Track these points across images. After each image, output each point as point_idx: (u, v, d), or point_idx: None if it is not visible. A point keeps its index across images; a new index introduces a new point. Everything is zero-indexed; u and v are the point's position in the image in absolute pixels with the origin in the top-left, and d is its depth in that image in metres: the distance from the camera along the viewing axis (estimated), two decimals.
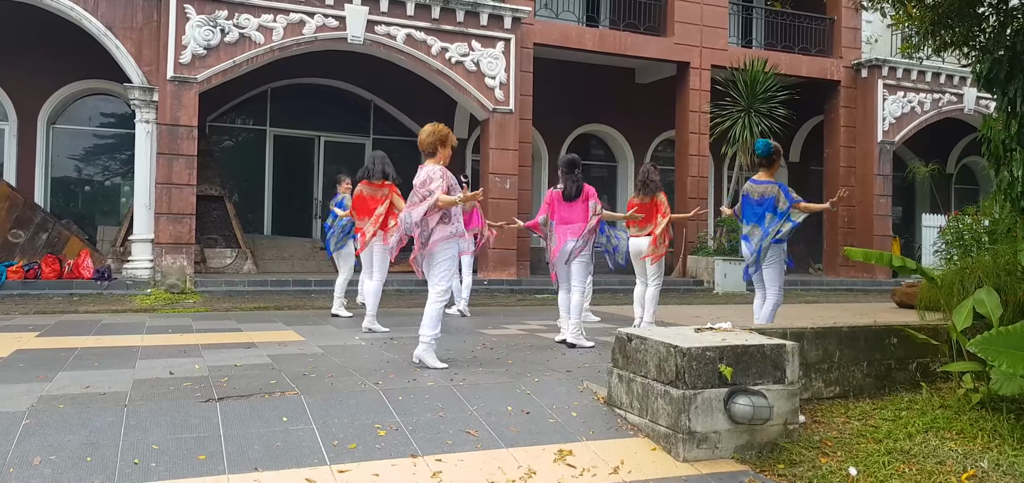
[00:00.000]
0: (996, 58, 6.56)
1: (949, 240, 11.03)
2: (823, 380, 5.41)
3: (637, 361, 4.67)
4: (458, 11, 13.74)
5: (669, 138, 18.59)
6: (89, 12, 12.17)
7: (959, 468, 4.19)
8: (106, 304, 10.65)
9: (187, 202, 12.26)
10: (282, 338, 7.39)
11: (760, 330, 5.06)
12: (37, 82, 14.04)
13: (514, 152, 14.38)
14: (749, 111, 15.07)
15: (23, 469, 3.67)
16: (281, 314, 9.75)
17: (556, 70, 16.51)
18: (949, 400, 5.28)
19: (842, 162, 17.91)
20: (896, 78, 17.78)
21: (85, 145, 14.97)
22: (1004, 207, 6.92)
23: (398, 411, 4.63)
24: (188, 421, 4.29)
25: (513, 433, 4.46)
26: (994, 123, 6.69)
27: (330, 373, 5.53)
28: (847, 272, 17.67)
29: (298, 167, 16.19)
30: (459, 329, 8.31)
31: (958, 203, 21.14)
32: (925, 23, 7.07)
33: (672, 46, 16.31)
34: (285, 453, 4.00)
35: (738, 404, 4.29)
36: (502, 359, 6.36)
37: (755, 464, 4.28)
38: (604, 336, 7.89)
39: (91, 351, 6.42)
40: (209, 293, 11.85)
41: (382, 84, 15.99)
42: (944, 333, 5.73)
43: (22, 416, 4.21)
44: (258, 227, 15.76)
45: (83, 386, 4.96)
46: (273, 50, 12.70)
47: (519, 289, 13.62)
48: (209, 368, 5.64)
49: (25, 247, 12.87)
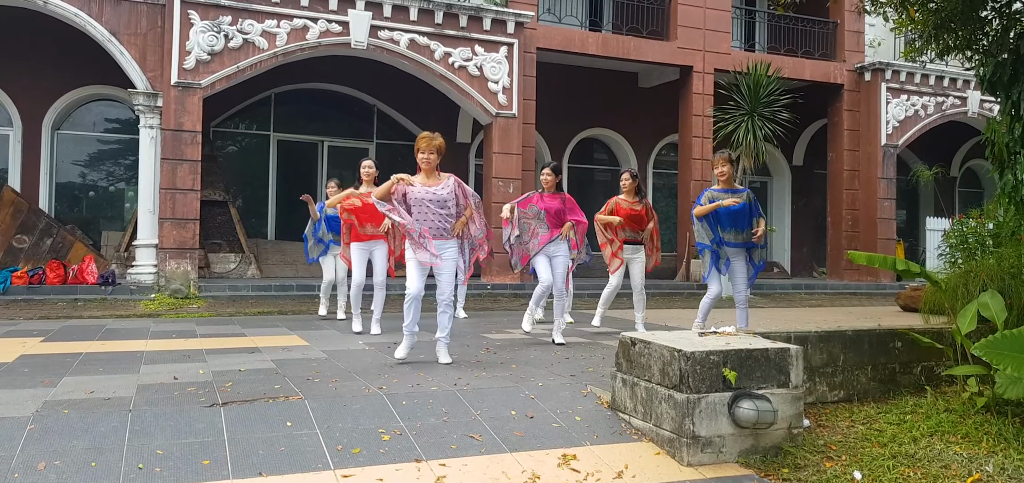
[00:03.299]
0: (999, 61, 6.56)
1: (953, 243, 11.01)
2: (827, 384, 5.41)
3: (641, 365, 4.67)
4: (461, 16, 13.76)
5: (672, 142, 18.59)
6: (94, 18, 12.20)
7: (964, 472, 4.18)
8: (110, 309, 10.67)
9: (191, 207, 12.28)
10: (286, 343, 7.39)
11: (764, 334, 5.06)
12: (42, 87, 14.08)
13: (517, 156, 14.38)
14: (752, 115, 15.05)
15: (28, 474, 3.67)
16: (285, 319, 9.76)
17: (559, 74, 16.52)
18: (954, 404, 5.27)
19: (846, 165, 17.89)
20: (899, 81, 17.76)
21: (89, 150, 15.00)
22: (1008, 210, 6.91)
23: (402, 415, 4.63)
24: (192, 426, 4.30)
25: (517, 437, 4.46)
26: (998, 126, 6.69)
27: (334, 378, 5.53)
28: (851, 276, 17.64)
29: (302, 172, 16.19)
30: (463, 333, 8.31)
31: (962, 206, 21.11)
32: (928, 27, 7.07)
33: (675, 50, 16.32)
34: (289, 458, 4.01)
35: (742, 408, 4.28)
36: (506, 363, 6.36)
37: (759, 468, 4.27)
38: (608, 339, 7.89)
39: (95, 356, 6.43)
40: (213, 298, 11.87)
41: (385, 89, 16.01)
42: (948, 337, 5.72)
43: (27, 421, 4.22)
44: (262, 232, 15.78)
45: (87, 391, 4.97)
46: (277, 55, 12.73)
47: (522, 293, 13.61)
48: (213, 373, 5.64)
49: (30, 252, 12.90)
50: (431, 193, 6.05)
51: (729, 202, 7.27)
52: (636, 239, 8.36)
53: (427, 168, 6.12)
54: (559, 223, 7.54)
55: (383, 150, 16.42)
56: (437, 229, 6.07)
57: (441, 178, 6.17)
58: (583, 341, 7.94)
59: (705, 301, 7.65)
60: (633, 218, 8.29)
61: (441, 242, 6.10)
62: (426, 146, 6.10)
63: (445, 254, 6.11)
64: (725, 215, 7.26)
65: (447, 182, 6.17)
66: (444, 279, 6.12)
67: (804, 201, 20.42)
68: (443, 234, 6.10)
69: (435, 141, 6.15)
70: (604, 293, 8.67)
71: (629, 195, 8.37)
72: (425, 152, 6.10)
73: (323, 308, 9.86)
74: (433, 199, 6.04)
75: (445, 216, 6.10)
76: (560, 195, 7.66)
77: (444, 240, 6.12)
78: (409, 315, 6.13)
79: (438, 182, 6.13)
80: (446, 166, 6.33)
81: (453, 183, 6.21)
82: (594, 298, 13.37)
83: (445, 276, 6.12)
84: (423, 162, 6.12)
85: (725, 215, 7.26)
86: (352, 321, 8.52)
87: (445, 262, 6.10)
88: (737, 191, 7.38)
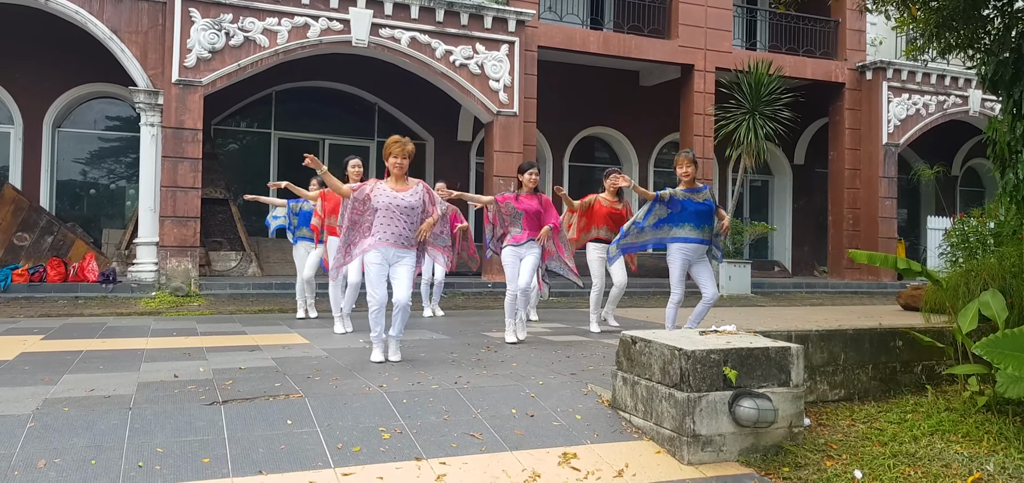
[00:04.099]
0: (1001, 60, 6.55)
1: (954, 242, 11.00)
2: (828, 383, 5.40)
3: (641, 364, 4.67)
4: (462, 14, 13.76)
5: (673, 140, 18.59)
6: (94, 16, 12.21)
7: (965, 471, 4.17)
8: (111, 307, 10.67)
9: (192, 205, 12.29)
10: (286, 341, 7.39)
11: (765, 333, 5.06)
12: (42, 85, 14.09)
13: (518, 155, 14.37)
14: (753, 113, 15.04)
15: (28, 472, 3.67)
16: (285, 317, 9.76)
17: (560, 73, 16.51)
18: (955, 403, 5.26)
19: (847, 164, 17.88)
20: (901, 80, 17.75)
21: (90, 148, 15.01)
22: (1009, 209, 6.90)
23: (402, 414, 4.63)
24: (192, 424, 4.30)
25: (517, 436, 4.46)
26: (999, 125, 6.68)
27: (334, 376, 5.53)
28: (852, 275, 17.63)
29: (303, 170, 16.09)
30: (463, 331, 8.31)
31: (963, 205, 21.09)
32: (929, 25, 7.06)
33: (676, 49, 16.31)
34: (289, 456, 4.00)
35: (743, 407, 4.28)
36: (506, 361, 6.36)
37: (760, 467, 4.27)
38: (609, 338, 7.88)
39: (96, 354, 6.43)
40: (214, 296, 11.87)
41: (386, 87, 16.01)
42: (949, 336, 5.72)
43: (27, 419, 4.22)
44: (262, 230, 15.77)
45: (88, 389, 4.97)
46: (278, 53, 12.73)
47: None
48: (213, 371, 5.64)
49: (30, 250, 12.91)
50: (399, 199, 5.99)
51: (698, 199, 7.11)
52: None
53: (397, 173, 6.07)
54: (536, 225, 7.46)
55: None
56: (400, 237, 6.00)
57: (410, 184, 6.13)
58: (583, 340, 7.94)
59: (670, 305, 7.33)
60: (613, 218, 8.28)
61: (401, 250, 6.04)
62: (399, 152, 6.03)
63: (404, 260, 6.05)
64: (692, 212, 7.08)
65: (416, 189, 6.11)
66: (400, 284, 6.01)
67: (805, 200, 20.41)
68: (404, 242, 6.04)
69: (408, 147, 6.09)
70: (592, 296, 8.48)
71: (610, 195, 8.36)
72: (398, 157, 6.03)
73: (301, 310, 9.52)
74: (401, 205, 5.98)
75: (410, 224, 6.04)
76: (538, 196, 7.56)
77: (405, 248, 6.06)
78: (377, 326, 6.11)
79: (407, 188, 6.07)
80: (447, 164, 6.32)
81: (422, 189, 6.16)
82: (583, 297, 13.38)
83: (402, 281, 6.01)
84: (395, 167, 6.05)
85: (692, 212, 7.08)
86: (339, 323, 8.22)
87: (404, 268, 6.03)
88: (699, 190, 7.18)
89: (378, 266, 6.01)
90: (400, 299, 6.00)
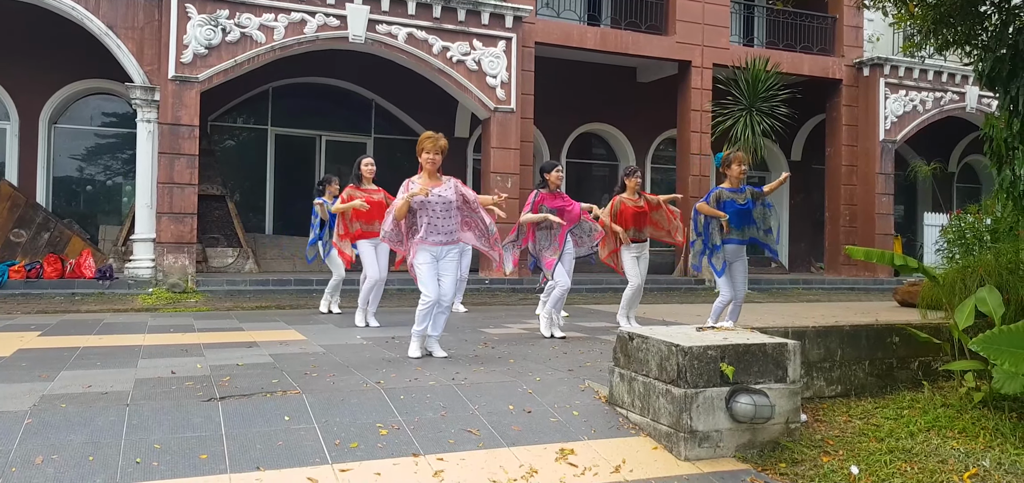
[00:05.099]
0: (998, 56, 6.55)
1: (951, 239, 11.04)
2: (825, 379, 5.41)
3: (639, 360, 4.67)
4: (459, 10, 13.73)
5: (670, 137, 18.57)
6: (90, 12, 12.17)
7: (961, 467, 4.18)
8: (108, 303, 10.65)
9: (189, 201, 12.26)
10: (284, 337, 7.39)
11: (762, 329, 5.06)
12: (39, 82, 14.04)
13: (515, 151, 14.37)
14: (751, 110, 15.04)
15: (25, 468, 3.67)
16: (283, 313, 9.76)
17: (557, 69, 16.49)
18: (951, 399, 5.28)
19: (844, 161, 17.89)
20: (898, 77, 17.76)
21: (87, 144, 14.97)
22: (1006, 205, 6.91)
23: (400, 410, 4.63)
24: (190, 420, 4.29)
25: (515, 432, 4.46)
26: (996, 121, 6.68)
27: (332, 372, 5.53)
28: (849, 271, 17.65)
29: (299, 166, 16.16)
30: (461, 327, 8.32)
31: (960, 202, 21.12)
32: (927, 22, 7.06)
33: (673, 45, 16.30)
34: (287, 452, 4.00)
35: (740, 403, 4.29)
36: (504, 358, 6.36)
37: (757, 463, 4.28)
38: (606, 334, 7.89)
39: (93, 350, 6.43)
40: (211, 292, 11.86)
41: (383, 83, 15.99)
42: (946, 332, 5.73)
43: (24, 415, 4.22)
44: (259, 226, 15.76)
45: (85, 385, 4.96)
46: (275, 49, 12.70)
47: (520, 288, 13.61)
48: (211, 367, 5.64)
49: (27, 247, 12.88)
50: (437, 195, 5.99)
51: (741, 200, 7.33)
52: (642, 237, 8.42)
53: (430, 169, 6.04)
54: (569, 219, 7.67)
55: (381, 145, 16.40)
56: (443, 232, 6.01)
57: (442, 180, 6.12)
58: (581, 336, 7.95)
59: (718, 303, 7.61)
60: (639, 216, 8.35)
61: (448, 247, 6.05)
62: (432, 147, 5.99)
63: (450, 254, 6.07)
64: (734, 214, 7.28)
65: (449, 183, 6.12)
66: (447, 282, 6.06)
67: (802, 196, 20.42)
68: (449, 238, 6.05)
69: (441, 142, 6.06)
70: (627, 294, 8.55)
71: (631, 194, 8.40)
72: (431, 153, 5.99)
73: (325, 306, 9.76)
74: (440, 201, 5.98)
75: (453, 218, 6.05)
76: (562, 194, 7.85)
77: (451, 245, 6.07)
78: (425, 322, 6.10)
79: (440, 184, 6.07)
80: (445, 162, 6.29)
81: (454, 184, 6.17)
82: (592, 294, 13.38)
83: (449, 278, 6.07)
84: (428, 163, 6.00)
85: (734, 214, 7.28)
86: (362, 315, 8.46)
87: (450, 263, 6.06)
88: (741, 190, 7.39)
89: (428, 265, 5.99)
90: (446, 295, 6.05)
